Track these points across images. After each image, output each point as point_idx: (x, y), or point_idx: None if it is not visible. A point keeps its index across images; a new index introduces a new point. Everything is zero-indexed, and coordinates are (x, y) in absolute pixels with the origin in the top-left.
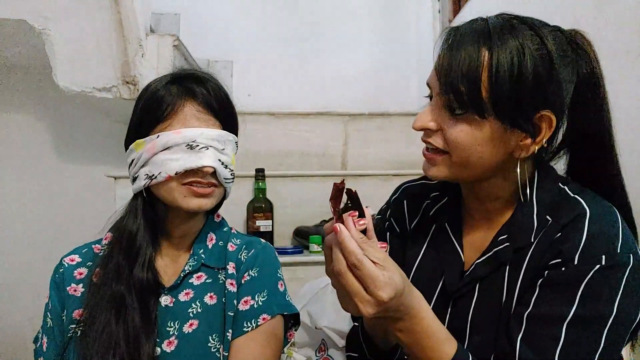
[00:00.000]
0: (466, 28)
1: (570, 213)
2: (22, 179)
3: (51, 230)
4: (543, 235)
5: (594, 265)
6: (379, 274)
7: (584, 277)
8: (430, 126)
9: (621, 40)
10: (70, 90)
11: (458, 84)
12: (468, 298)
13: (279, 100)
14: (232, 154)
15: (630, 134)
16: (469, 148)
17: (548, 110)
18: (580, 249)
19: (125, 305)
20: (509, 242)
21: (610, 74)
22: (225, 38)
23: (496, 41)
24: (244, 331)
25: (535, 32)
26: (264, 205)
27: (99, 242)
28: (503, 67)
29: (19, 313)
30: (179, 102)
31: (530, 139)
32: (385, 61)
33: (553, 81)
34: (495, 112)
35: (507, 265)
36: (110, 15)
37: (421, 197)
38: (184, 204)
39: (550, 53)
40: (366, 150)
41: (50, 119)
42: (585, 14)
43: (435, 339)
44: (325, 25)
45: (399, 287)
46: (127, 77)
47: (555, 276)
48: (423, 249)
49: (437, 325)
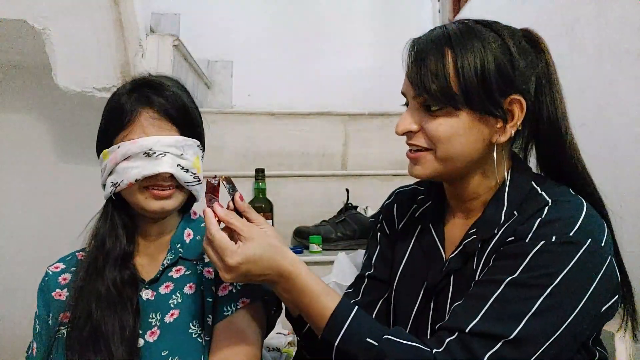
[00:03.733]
0: (427, 36)
1: (535, 206)
2: (22, 179)
3: (51, 230)
4: (508, 226)
5: (542, 241)
6: (228, 244)
7: (531, 249)
8: (412, 128)
9: (621, 40)
10: (70, 90)
11: (430, 83)
12: (445, 291)
13: (279, 100)
14: (193, 158)
15: (630, 134)
16: (450, 139)
17: (517, 94)
18: (534, 230)
19: (106, 303)
20: (476, 235)
21: (610, 74)
22: (225, 38)
23: (457, 41)
24: (225, 315)
25: (491, 29)
26: (264, 205)
27: (83, 250)
28: (466, 61)
29: (19, 313)
30: (136, 110)
31: (504, 124)
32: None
33: (515, 68)
34: (467, 102)
35: (475, 256)
36: (110, 15)
37: (410, 201)
38: (146, 206)
39: (507, 44)
40: (366, 150)
41: (50, 119)
42: (585, 14)
43: (311, 295)
44: (325, 25)
45: (249, 254)
46: (127, 77)
47: (505, 250)
48: (409, 249)
49: (312, 283)
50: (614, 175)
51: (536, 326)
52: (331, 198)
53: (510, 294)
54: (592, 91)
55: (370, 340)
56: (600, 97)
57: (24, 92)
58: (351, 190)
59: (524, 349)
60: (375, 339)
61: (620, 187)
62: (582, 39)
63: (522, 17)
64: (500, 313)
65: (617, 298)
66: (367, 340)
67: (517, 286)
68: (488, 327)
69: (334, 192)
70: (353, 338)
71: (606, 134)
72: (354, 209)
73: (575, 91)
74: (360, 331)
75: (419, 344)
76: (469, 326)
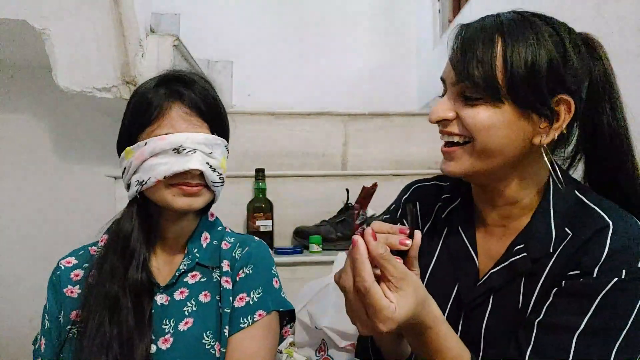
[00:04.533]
0: (478, 22)
1: (592, 226)
2: (22, 179)
3: (51, 230)
4: (563, 248)
5: (613, 277)
6: (384, 306)
7: (601, 289)
8: (448, 116)
9: (621, 40)
10: (70, 90)
11: (473, 69)
12: (482, 309)
13: (279, 100)
14: (221, 157)
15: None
16: (489, 130)
17: (566, 94)
18: (601, 262)
19: (119, 306)
20: (527, 252)
21: None
22: (225, 38)
23: (509, 29)
24: (241, 327)
25: (547, 22)
26: (264, 205)
27: (95, 244)
28: (517, 51)
29: (19, 313)
30: (165, 105)
31: (548, 124)
32: (385, 61)
33: (568, 66)
34: (511, 96)
35: (523, 276)
36: (110, 15)
37: (433, 199)
38: (174, 203)
39: (563, 40)
40: (366, 150)
41: (50, 119)
42: (585, 14)
43: (446, 356)
44: (325, 25)
45: (403, 317)
46: (127, 77)
47: (571, 286)
48: (437, 254)
49: (450, 341)
50: None
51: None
52: (331, 198)
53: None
54: None
55: None
56: None
57: (24, 92)
58: (351, 190)
59: None
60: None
61: None
62: None
63: None
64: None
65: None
66: None
67: (593, 332)
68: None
69: (334, 192)
70: None
71: None
72: (354, 209)
73: None
74: None
75: None
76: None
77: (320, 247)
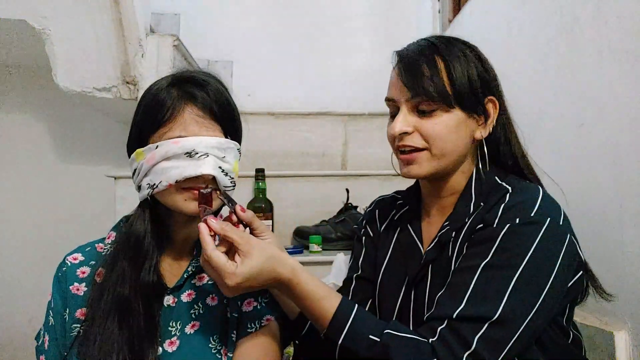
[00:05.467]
0: (413, 47)
1: (497, 194)
2: (22, 179)
3: (51, 230)
4: (476, 215)
5: (507, 223)
6: (225, 266)
7: (498, 233)
8: (408, 129)
9: (621, 40)
10: (70, 90)
11: (428, 85)
12: (424, 281)
13: (279, 100)
14: (233, 161)
15: (630, 134)
16: (445, 137)
17: (491, 95)
18: (499, 215)
19: (130, 310)
20: (450, 226)
21: (610, 74)
22: (225, 38)
23: (444, 50)
24: (248, 332)
25: (463, 43)
26: (264, 205)
27: (101, 240)
28: (457, 67)
29: (19, 313)
30: (178, 106)
31: (484, 121)
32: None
33: (488, 73)
34: (458, 102)
35: (449, 245)
36: (110, 15)
37: (390, 206)
38: (185, 207)
39: (478, 54)
40: (366, 150)
41: (50, 119)
42: (585, 14)
43: (312, 299)
44: (325, 25)
45: (247, 272)
46: (127, 77)
47: (476, 237)
48: (391, 248)
49: (313, 287)
50: (614, 175)
51: (515, 304)
52: (331, 198)
53: (487, 277)
54: (592, 91)
55: (373, 336)
56: (600, 97)
57: (24, 92)
58: (351, 190)
59: (507, 328)
60: (377, 335)
61: (620, 187)
62: (582, 39)
63: (521, 17)
64: (481, 297)
65: (581, 274)
66: (370, 337)
67: (491, 269)
68: (473, 311)
69: (333, 192)
70: (356, 336)
71: (606, 134)
72: (353, 209)
73: (575, 91)
74: (362, 329)
75: (417, 336)
76: (455, 312)
77: (320, 247)
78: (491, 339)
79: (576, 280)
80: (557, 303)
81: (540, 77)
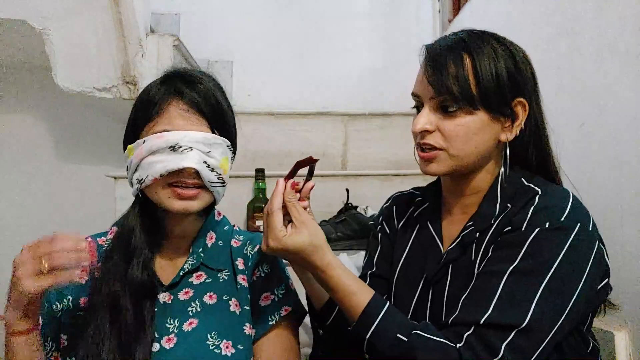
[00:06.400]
0: (442, 43)
1: (525, 196)
2: (22, 179)
3: (51, 230)
4: (503, 217)
5: (537, 227)
6: (278, 228)
7: (527, 237)
8: (429, 127)
9: (621, 40)
10: (70, 90)
11: (451, 85)
12: (443, 281)
13: (279, 100)
14: (221, 157)
15: (630, 134)
16: (465, 139)
17: (521, 97)
18: (529, 218)
19: (119, 306)
20: (474, 227)
21: (610, 74)
22: (225, 38)
23: (473, 47)
24: (270, 324)
25: (497, 39)
26: (264, 205)
27: (104, 234)
28: (485, 66)
29: None
30: (165, 101)
31: (511, 123)
32: (385, 61)
33: (520, 73)
34: (483, 103)
35: (472, 246)
36: (110, 15)
37: (408, 203)
38: (169, 205)
39: (512, 52)
40: (366, 150)
41: (50, 119)
42: (585, 14)
43: (343, 293)
44: (325, 25)
45: (290, 246)
46: (127, 77)
47: (504, 239)
48: (409, 245)
49: (345, 281)
50: (614, 175)
51: (542, 312)
52: (331, 198)
53: (514, 284)
54: (592, 91)
55: (401, 335)
56: (600, 97)
57: (24, 92)
58: (351, 190)
59: (534, 336)
60: (405, 335)
61: (620, 187)
62: (582, 39)
63: (522, 17)
64: (509, 303)
65: (606, 282)
66: (398, 335)
67: (519, 274)
68: (500, 318)
69: (334, 192)
70: (384, 333)
71: (606, 134)
72: (354, 209)
73: (575, 91)
74: (391, 327)
75: (444, 339)
76: (482, 319)
77: None
78: (518, 347)
79: (601, 287)
80: (582, 311)
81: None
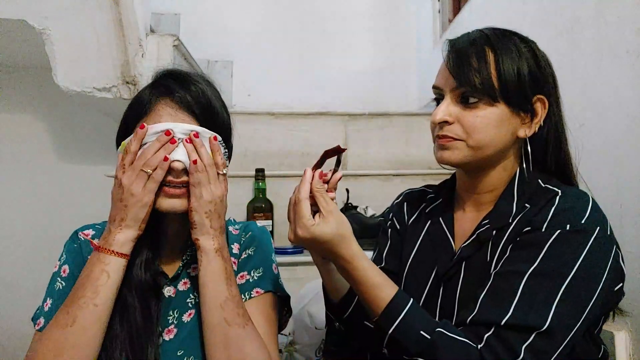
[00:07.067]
0: (465, 37)
1: (545, 197)
2: (22, 179)
3: (51, 230)
4: (522, 216)
5: (558, 229)
6: (306, 217)
7: (548, 239)
8: (449, 119)
9: (621, 40)
10: (70, 90)
11: (473, 76)
12: (456, 278)
13: (279, 100)
14: None
15: (630, 134)
16: (484, 130)
17: (541, 94)
18: (549, 219)
19: (126, 305)
20: (490, 225)
21: (610, 74)
22: (225, 38)
23: (496, 42)
24: None
25: (519, 37)
26: (264, 205)
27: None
28: (507, 61)
29: (19, 313)
30: (155, 100)
31: (530, 120)
32: (385, 61)
33: (541, 71)
34: (504, 97)
35: (488, 244)
36: (110, 15)
37: (419, 200)
38: (157, 204)
39: (533, 50)
40: (366, 150)
41: (50, 119)
42: (585, 14)
43: (367, 286)
44: (325, 25)
45: (318, 235)
46: (127, 77)
47: (523, 240)
48: (419, 240)
49: (370, 274)
50: (614, 175)
51: (562, 315)
52: None
53: (534, 285)
54: (592, 91)
55: (424, 332)
56: (600, 97)
57: (24, 92)
58: (351, 190)
59: (554, 338)
60: (428, 332)
61: (620, 187)
62: (582, 38)
63: (522, 17)
64: (529, 305)
65: (621, 286)
66: (421, 332)
67: (540, 276)
68: (520, 320)
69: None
70: (408, 329)
71: (606, 134)
72: (354, 209)
73: (575, 91)
74: (414, 323)
75: (466, 339)
76: (503, 320)
77: None
78: (538, 349)
79: (616, 291)
80: (597, 314)
81: None
